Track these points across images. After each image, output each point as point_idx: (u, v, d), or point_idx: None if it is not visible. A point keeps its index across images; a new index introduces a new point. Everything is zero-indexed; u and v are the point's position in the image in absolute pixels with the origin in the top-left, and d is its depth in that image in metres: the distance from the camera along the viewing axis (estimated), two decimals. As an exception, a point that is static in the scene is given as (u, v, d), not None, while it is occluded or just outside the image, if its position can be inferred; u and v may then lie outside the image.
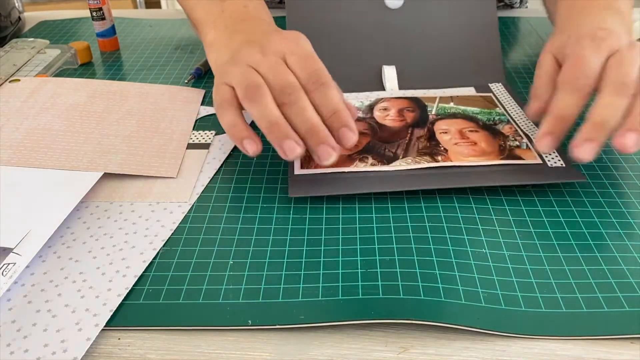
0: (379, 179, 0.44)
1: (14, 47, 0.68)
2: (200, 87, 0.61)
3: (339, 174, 0.45)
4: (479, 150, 0.47)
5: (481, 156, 0.46)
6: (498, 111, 0.53)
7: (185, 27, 0.78)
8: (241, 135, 0.43)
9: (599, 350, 0.33)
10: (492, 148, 0.48)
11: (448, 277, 0.36)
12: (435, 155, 0.47)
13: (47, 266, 0.38)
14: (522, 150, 0.47)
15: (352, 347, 0.33)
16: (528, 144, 0.48)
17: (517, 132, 0.50)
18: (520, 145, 0.48)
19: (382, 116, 0.53)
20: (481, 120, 0.52)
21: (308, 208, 0.43)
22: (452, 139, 0.49)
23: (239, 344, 0.33)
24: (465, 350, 0.33)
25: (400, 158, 0.47)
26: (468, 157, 0.46)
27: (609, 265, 0.38)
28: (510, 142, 0.48)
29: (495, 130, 0.50)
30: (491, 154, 0.47)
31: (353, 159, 0.47)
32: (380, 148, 0.48)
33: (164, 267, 0.38)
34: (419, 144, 0.48)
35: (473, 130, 0.50)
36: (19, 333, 0.33)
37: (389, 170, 0.45)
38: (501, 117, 0.52)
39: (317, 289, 0.36)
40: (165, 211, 0.43)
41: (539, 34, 0.74)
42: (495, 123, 0.51)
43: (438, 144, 0.48)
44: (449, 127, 0.51)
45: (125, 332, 0.34)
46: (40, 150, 0.48)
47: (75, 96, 0.57)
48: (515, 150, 0.47)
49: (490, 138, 0.49)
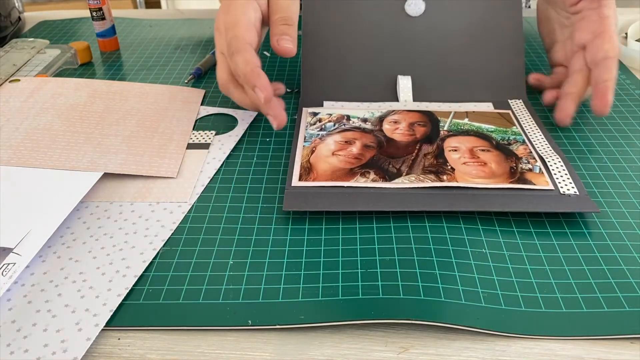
0: (378, 196, 0.42)
1: (14, 47, 0.68)
2: (200, 87, 0.61)
3: (337, 187, 0.43)
4: (487, 171, 0.44)
5: (489, 178, 0.44)
6: (514, 130, 0.50)
7: (186, 27, 0.78)
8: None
9: (599, 350, 0.33)
10: (502, 170, 0.45)
11: (448, 277, 0.36)
12: (440, 174, 0.44)
13: (47, 266, 0.38)
14: (533, 175, 0.44)
15: (352, 347, 0.33)
16: (541, 168, 0.45)
17: (531, 154, 0.47)
18: (533, 169, 0.45)
19: (392, 129, 0.51)
20: (495, 139, 0.49)
21: (308, 208, 0.43)
22: (461, 158, 0.46)
23: (239, 344, 0.33)
24: (465, 350, 0.33)
25: (404, 175, 0.44)
26: (475, 179, 0.44)
27: (609, 265, 0.38)
28: (522, 165, 0.45)
29: (508, 151, 0.47)
30: (500, 177, 0.44)
31: (354, 173, 0.45)
32: (384, 163, 0.46)
33: (164, 267, 0.38)
34: (425, 161, 0.46)
35: (485, 149, 0.47)
36: (19, 333, 0.33)
37: (390, 188, 0.43)
38: (517, 137, 0.49)
39: (317, 289, 0.36)
40: (165, 211, 0.43)
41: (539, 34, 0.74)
42: (509, 143, 0.48)
43: (445, 162, 0.46)
44: (459, 145, 0.48)
45: (125, 332, 0.34)
46: (40, 150, 0.48)
47: (75, 96, 0.57)
48: (526, 173, 0.44)
49: (502, 159, 0.46)
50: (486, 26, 0.57)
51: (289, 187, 0.44)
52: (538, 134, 0.50)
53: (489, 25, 0.57)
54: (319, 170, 0.45)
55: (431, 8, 0.57)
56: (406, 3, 0.58)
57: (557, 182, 0.43)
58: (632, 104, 0.57)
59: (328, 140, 0.49)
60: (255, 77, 0.46)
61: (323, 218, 0.42)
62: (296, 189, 0.44)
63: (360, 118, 0.53)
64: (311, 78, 0.57)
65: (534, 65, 0.66)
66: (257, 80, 0.46)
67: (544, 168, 0.45)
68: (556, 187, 0.43)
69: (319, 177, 0.44)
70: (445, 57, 0.57)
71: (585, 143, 0.51)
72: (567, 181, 0.44)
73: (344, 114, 0.53)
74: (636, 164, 0.48)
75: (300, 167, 0.46)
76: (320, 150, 0.48)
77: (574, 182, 0.44)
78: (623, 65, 0.65)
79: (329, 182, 0.44)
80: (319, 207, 0.41)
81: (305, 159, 0.47)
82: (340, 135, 0.50)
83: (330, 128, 0.51)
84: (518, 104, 0.55)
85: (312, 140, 0.49)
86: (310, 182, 0.44)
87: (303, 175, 0.45)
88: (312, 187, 0.44)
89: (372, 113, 0.54)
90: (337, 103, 0.56)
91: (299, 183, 0.44)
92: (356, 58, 0.57)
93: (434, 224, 0.41)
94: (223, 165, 0.48)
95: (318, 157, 0.47)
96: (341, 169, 0.45)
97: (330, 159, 0.47)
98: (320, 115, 0.53)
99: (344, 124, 0.52)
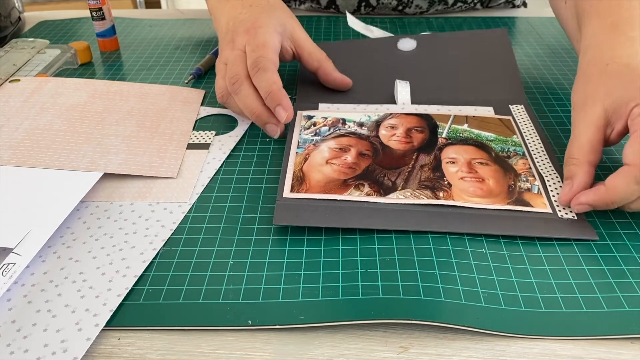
0: (372, 211, 0.41)
1: (14, 47, 0.68)
2: (200, 87, 0.61)
3: (330, 201, 0.42)
4: (485, 189, 0.43)
5: (487, 197, 0.42)
6: (515, 140, 0.49)
7: (186, 27, 0.78)
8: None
9: (599, 350, 0.33)
10: (501, 188, 0.43)
11: (448, 277, 0.36)
12: (436, 190, 0.43)
13: (47, 266, 0.38)
14: (532, 195, 0.43)
15: (352, 347, 0.33)
16: (540, 188, 0.43)
17: (531, 171, 0.45)
18: (531, 189, 0.43)
19: (388, 135, 0.50)
20: (494, 150, 0.48)
21: (308, 208, 0.43)
22: (458, 172, 0.45)
23: (239, 344, 0.33)
24: (465, 350, 0.33)
25: (399, 189, 0.43)
26: (472, 197, 0.42)
27: (609, 265, 0.38)
28: (520, 184, 0.44)
29: (507, 166, 0.46)
30: (498, 196, 0.42)
31: (348, 185, 0.43)
32: (379, 174, 0.45)
33: (164, 267, 0.38)
34: (422, 174, 0.45)
35: (483, 162, 0.46)
36: (19, 333, 0.33)
37: (384, 203, 0.42)
38: (517, 149, 0.48)
39: (317, 289, 0.36)
40: (165, 211, 0.43)
41: (539, 34, 0.74)
42: (509, 155, 0.47)
43: (442, 177, 0.44)
44: (457, 156, 0.47)
45: (125, 332, 0.34)
46: (40, 150, 0.48)
47: (75, 96, 0.57)
48: (524, 194, 0.43)
49: (500, 175, 0.45)
50: (477, 56, 0.61)
51: (280, 198, 0.42)
52: (539, 145, 0.49)
53: (480, 56, 0.61)
54: (311, 181, 0.44)
55: (422, 45, 0.63)
56: (398, 42, 0.64)
57: (555, 204, 0.42)
58: (632, 104, 0.57)
59: (322, 146, 0.48)
60: (281, 96, 0.49)
61: (323, 218, 0.42)
62: (287, 200, 0.42)
63: (356, 122, 0.52)
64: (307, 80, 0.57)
65: (534, 65, 0.66)
66: (282, 100, 0.49)
67: (542, 188, 0.44)
68: (554, 210, 0.42)
69: (311, 189, 0.43)
70: (440, 83, 0.58)
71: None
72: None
73: (340, 118, 0.52)
74: (636, 164, 0.48)
75: (293, 176, 0.45)
76: (314, 159, 0.47)
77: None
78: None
79: (321, 195, 0.42)
80: (311, 222, 0.40)
81: (298, 168, 0.45)
82: (334, 142, 0.49)
83: (325, 133, 0.50)
84: (519, 109, 0.54)
85: (305, 147, 0.48)
86: (302, 194, 0.43)
87: (295, 186, 0.43)
88: (304, 199, 0.42)
89: (369, 116, 0.52)
90: (333, 105, 0.55)
91: (290, 194, 0.43)
92: (353, 79, 0.59)
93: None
94: (223, 166, 0.48)
95: (311, 165, 0.46)
96: (335, 180, 0.44)
97: (324, 167, 0.45)
98: (315, 119, 0.52)
99: (339, 129, 0.51)
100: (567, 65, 0.66)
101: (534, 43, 0.72)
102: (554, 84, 0.61)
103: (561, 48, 0.70)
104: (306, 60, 0.57)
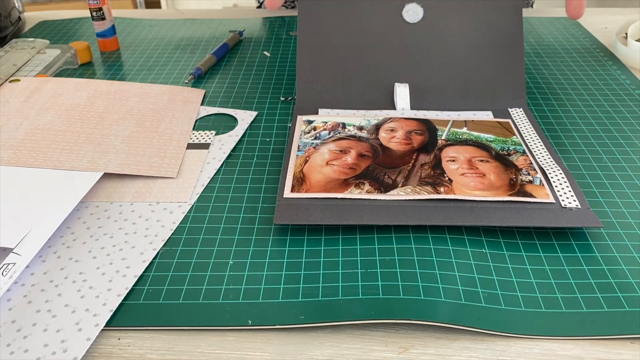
0: (372, 208, 0.41)
1: (14, 47, 0.68)
2: (200, 87, 0.61)
3: (331, 200, 0.42)
4: (486, 183, 0.43)
5: (488, 190, 0.42)
6: (514, 139, 0.49)
7: (186, 27, 0.78)
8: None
9: (599, 350, 0.33)
10: (502, 182, 0.43)
11: (448, 277, 0.36)
12: (437, 185, 0.43)
13: (47, 266, 0.38)
14: (534, 187, 0.43)
15: (352, 347, 0.33)
16: (542, 180, 0.43)
17: (532, 166, 0.45)
18: (533, 181, 0.43)
19: (388, 138, 0.49)
20: (494, 149, 0.47)
21: (308, 208, 0.43)
22: (459, 169, 0.45)
23: (239, 344, 0.33)
24: (465, 350, 0.33)
25: (400, 186, 0.43)
26: (473, 191, 0.42)
27: (609, 265, 0.38)
28: (522, 177, 0.44)
29: (507, 162, 0.46)
30: (499, 189, 0.42)
31: (349, 184, 0.43)
32: (379, 173, 0.45)
33: (164, 267, 0.38)
34: (422, 171, 0.45)
35: (484, 160, 0.46)
36: (19, 333, 0.33)
37: (385, 200, 0.42)
38: (517, 147, 0.48)
39: (317, 289, 0.36)
40: (165, 211, 0.43)
41: (539, 34, 0.74)
42: (509, 153, 0.47)
43: (442, 173, 0.44)
44: (457, 155, 0.47)
45: (125, 332, 0.34)
46: (40, 150, 0.48)
47: (75, 96, 0.57)
48: (526, 185, 0.43)
49: (501, 170, 0.45)
50: (486, 33, 0.56)
51: (280, 198, 0.42)
52: (539, 144, 0.49)
53: (489, 32, 0.56)
54: (312, 181, 0.44)
55: (429, 14, 0.56)
56: (404, 9, 0.57)
57: (558, 194, 0.42)
58: (632, 104, 0.57)
59: (322, 149, 0.48)
60: None
61: (323, 218, 0.42)
62: (288, 200, 0.42)
63: (356, 126, 0.51)
64: (306, 85, 0.57)
65: (534, 65, 0.66)
66: None
67: (544, 180, 0.44)
68: (557, 200, 0.41)
69: (311, 189, 0.43)
70: (444, 64, 0.56)
71: (585, 143, 0.51)
72: (569, 193, 0.42)
73: (340, 122, 0.52)
74: (636, 164, 0.48)
75: (293, 177, 0.45)
76: (314, 160, 0.47)
77: (576, 194, 0.42)
78: (623, 65, 0.65)
79: (322, 194, 0.42)
80: (311, 220, 0.40)
81: (299, 169, 0.45)
82: (334, 144, 0.49)
83: (325, 136, 0.50)
84: (519, 112, 0.54)
85: (305, 150, 0.48)
86: (302, 194, 0.43)
87: (295, 186, 0.43)
88: (304, 198, 0.42)
89: (369, 121, 0.52)
90: (333, 111, 0.55)
91: (291, 194, 0.43)
92: (353, 65, 0.56)
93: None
94: (223, 165, 0.48)
95: (311, 167, 0.46)
96: (335, 180, 0.44)
97: (324, 168, 0.45)
98: (315, 123, 0.52)
99: (339, 132, 0.51)
100: (567, 65, 0.66)
101: (534, 43, 0.72)
102: (554, 84, 0.61)
103: (561, 48, 0.70)
104: None
